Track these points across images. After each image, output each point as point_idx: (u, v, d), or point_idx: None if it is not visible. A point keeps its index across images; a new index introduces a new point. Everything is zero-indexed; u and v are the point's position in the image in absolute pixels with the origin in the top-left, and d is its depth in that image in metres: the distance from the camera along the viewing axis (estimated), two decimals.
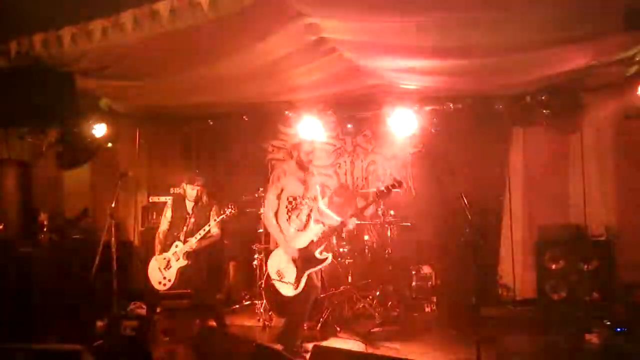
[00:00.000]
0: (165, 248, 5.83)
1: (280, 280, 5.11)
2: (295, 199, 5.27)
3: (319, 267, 5.12)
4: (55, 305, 5.79)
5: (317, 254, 5.08)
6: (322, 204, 5.50)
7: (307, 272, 5.05)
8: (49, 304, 5.79)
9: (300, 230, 5.23)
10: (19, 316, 5.46)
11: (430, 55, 5.16)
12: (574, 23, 4.37)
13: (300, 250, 5.11)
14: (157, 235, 5.98)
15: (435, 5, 4.01)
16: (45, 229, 6.39)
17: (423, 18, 4.25)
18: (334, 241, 6.75)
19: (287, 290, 5.09)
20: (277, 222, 5.23)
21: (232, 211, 5.72)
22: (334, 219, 5.35)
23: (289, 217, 5.25)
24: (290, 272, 5.09)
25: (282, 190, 5.30)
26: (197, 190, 5.91)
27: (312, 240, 5.13)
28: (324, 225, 5.27)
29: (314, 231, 5.19)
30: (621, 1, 4.05)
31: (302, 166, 5.35)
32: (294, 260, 5.10)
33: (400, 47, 4.95)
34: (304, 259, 5.09)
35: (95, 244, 5.94)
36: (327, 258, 5.10)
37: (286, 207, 5.26)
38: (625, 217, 6.54)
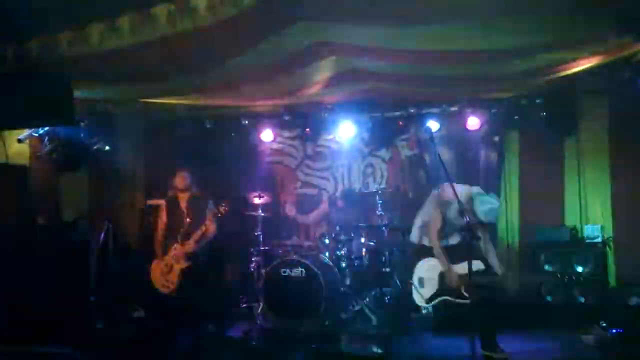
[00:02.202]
0: (165, 251, 5.83)
1: (417, 288, 5.00)
2: (451, 225, 5.01)
3: (456, 300, 4.87)
4: (52, 309, 5.79)
5: (462, 289, 4.84)
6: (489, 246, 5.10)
7: (442, 297, 4.91)
8: (46, 307, 5.79)
9: (457, 257, 4.93)
10: (16, 319, 5.45)
11: (428, 59, 5.19)
12: (569, 27, 4.41)
13: (452, 273, 4.87)
14: (156, 238, 5.99)
15: (433, 12, 4.04)
16: (42, 232, 6.39)
17: (421, 24, 4.29)
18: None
19: (418, 299, 4.99)
20: (437, 239, 4.99)
21: (226, 208, 5.71)
22: (496, 264, 4.99)
23: (448, 239, 5.05)
24: (430, 287, 4.95)
25: (441, 211, 4.98)
26: (191, 190, 5.93)
27: (468, 274, 4.53)
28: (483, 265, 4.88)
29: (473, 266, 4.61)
30: (616, 4, 4.09)
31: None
32: (440, 278, 4.93)
33: (397, 52, 4.98)
34: (450, 283, 4.88)
35: (92, 246, 5.95)
36: (467, 297, 4.77)
37: (445, 229, 5.02)
38: (621, 219, 6.58)
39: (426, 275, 5.00)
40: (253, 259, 6.91)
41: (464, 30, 4.39)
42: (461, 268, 4.79)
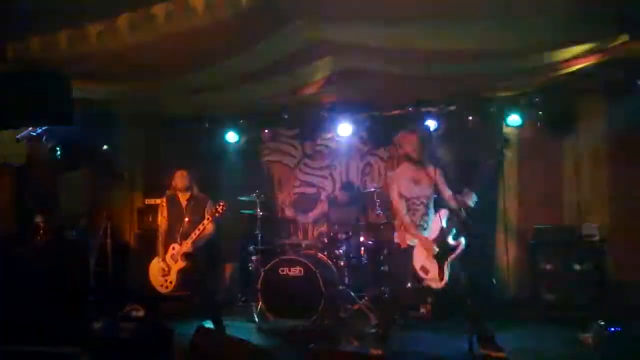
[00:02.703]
0: (163, 250, 5.84)
1: (426, 277, 4.97)
2: (415, 199, 5.09)
3: (456, 254, 4.90)
4: (51, 307, 5.79)
5: (450, 241, 4.92)
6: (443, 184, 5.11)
7: (447, 262, 4.89)
8: (45, 305, 5.79)
9: (426, 222, 5.07)
10: (15, 318, 5.45)
11: (427, 59, 5.19)
12: (569, 27, 4.42)
13: (434, 240, 4.93)
14: (159, 236, 5.98)
15: (432, 11, 4.05)
16: (41, 231, 6.39)
17: (419, 23, 4.29)
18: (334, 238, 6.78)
19: (435, 284, 4.96)
20: (410, 219, 5.05)
21: (224, 207, 5.70)
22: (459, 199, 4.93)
23: (414, 214, 5.09)
24: (433, 267, 4.95)
25: (399, 190, 5.10)
26: (190, 190, 5.93)
27: (442, 227, 4.93)
28: (449, 210, 5.02)
29: (443, 218, 4.96)
30: (616, 4, 4.09)
31: (413, 160, 5.14)
32: (433, 254, 4.94)
33: (395, 51, 4.98)
34: (441, 249, 4.92)
35: (91, 246, 5.94)
36: (460, 243, 4.89)
37: (408, 207, 5.09)
38: (619, 218, 6.58)
39: (423, 259, 5.00)
40: (252, 258, 6.91)
41: (463, 30, 4.40)
42: (436, 230, 4.93)
